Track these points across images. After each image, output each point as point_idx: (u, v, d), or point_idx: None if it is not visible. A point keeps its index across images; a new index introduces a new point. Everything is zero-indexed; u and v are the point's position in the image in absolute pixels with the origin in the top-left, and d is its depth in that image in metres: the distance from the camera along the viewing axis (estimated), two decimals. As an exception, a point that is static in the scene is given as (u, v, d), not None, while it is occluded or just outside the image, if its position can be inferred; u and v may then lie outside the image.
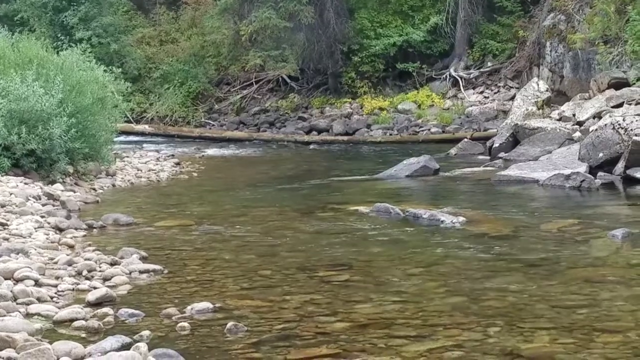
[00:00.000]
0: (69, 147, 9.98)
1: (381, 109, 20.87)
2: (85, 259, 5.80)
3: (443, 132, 19.09)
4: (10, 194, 8.29)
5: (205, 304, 4.66)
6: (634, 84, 14.29)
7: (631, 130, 10.14)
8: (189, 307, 4.61)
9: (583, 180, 9.43)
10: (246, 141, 19.43)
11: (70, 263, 5.70)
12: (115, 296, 4.93)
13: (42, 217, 7.52)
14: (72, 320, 4.41)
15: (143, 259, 5.92)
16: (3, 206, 7.67)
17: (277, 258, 6.02)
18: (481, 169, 12.10)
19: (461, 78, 21.31)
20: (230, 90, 23.21)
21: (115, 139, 12.94)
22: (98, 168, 11.23)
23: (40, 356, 3.61)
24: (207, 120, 22.08)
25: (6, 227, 6.88)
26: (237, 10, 21.09)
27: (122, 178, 11.51)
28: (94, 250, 6.19)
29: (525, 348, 3.87)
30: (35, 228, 6.96)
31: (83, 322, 4.37)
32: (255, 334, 4.18)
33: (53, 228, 7.14)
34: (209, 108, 22.69)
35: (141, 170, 12.53)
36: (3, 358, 3.67)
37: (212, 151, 17.19)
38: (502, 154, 13.38)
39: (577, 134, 12.97)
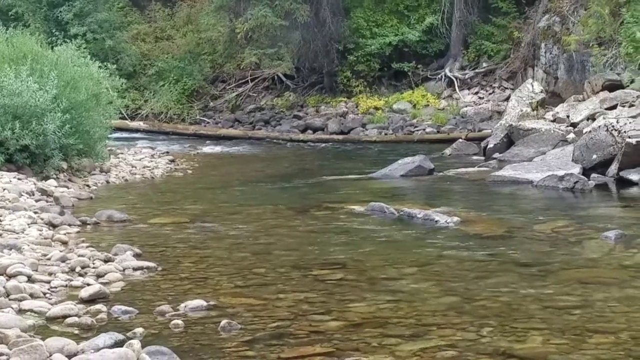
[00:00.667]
0: (63, 143, 9.95)
1: (376, 108, 20.87)
2: (79, 256, 5.78)
3: (438, 132, 19.09)
4: (4, 190, 8.25)
5: (199, 302, 4.65)
6: (628, 86, 14.33)
7: (624, 132, 10.17)
8: (182, 305, 4.60)
9: (576, 182, 9.45)
10: (241, 139, 19.41)
11: (63, 259, 5.68)
12: (109, 293, 4.91)
13: (36, 213, 7.49)
14: (65, 316, 4.39)
15: (137, 256, 5.90)
16: (-4, 202, 7.64)
17: (272, 256, 6.01)
18: (475, 170, 12.11)
19: (456, 78, 21.34)
20: (226, 88, 23.17)
21: (110, 136, 12.89)
22: (92, 164, 11.20)
23: (33, 352, 3.60)
24: (202, 118, 22.04)
25: (-1, 222, 6.85)
26: (232, 8, 21.05)
27: (116, 175, 11.48)
28: (87, 247, 6.17)
29: (518, 348, 3.88)
30: (28, 224, 6.93)
31: (76, 318, 4.36)
32: (249, 332, 4.17)
33: (46, 224, 7.11)
34: (204, 105, 22.65)
35: (135, 167, 12.49)
36: (-5, 354, 3.65)
37: (207, 149, 17.16)
38: (496, 155, 13.39)
39: (571, 136, 13.00)
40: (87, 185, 10.30)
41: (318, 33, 21.25)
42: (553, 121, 14.41)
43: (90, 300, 4.74)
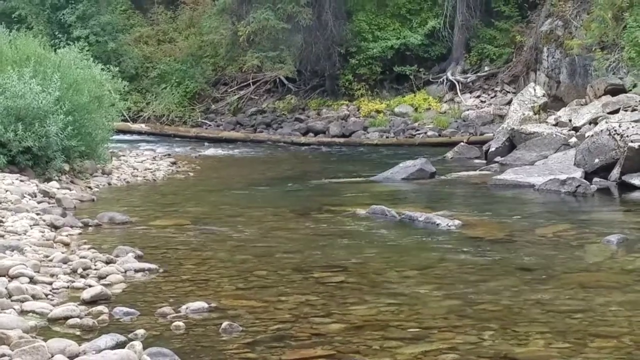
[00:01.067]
0: (65, 145, 9.96)
1: (378, 111, 20.89)
2: (81, 257, 5.79)
3: (439, 135, 19.10)
4: (6, 191, 8.27)
5: (201, 304, 4.65)
6: (631, 90, 14.33)
7: (627, 136, 10.17)
8: (184, 307, 4.61)
9: (579, 186, 9.45)
10: (243, 142, 19.43)
11: (65, 261, 5.69)
12: (110, 294, 4.92)
13: (38, 214, 7.50)
14: (66, 318, 4.40)
15: (138, 258, 5.91)
16: (-2, 203, 7.66)
17: (273, 258, 6.02)
18: (477, 173, 12.12)
19: (458, 82, 21.35)
20: (228, 91, 23.20)
21: (112, 138, 12.91)
22: (94, 166, 11.21)
23: (35, 353, 3.61)
24: (203, 120, 22.06)
25: (1, 224, 6.86)
26: (235, 11, 21.08)
27: (118, 177, 11.50)
28: (89, 249, 6.18)
29: (519, 352, 3.88)
30: (30, 225, 6.94)
31: (78, 320, 4.36)
32: (250, 334, 4.18)
33: (48, 226, 7.12)
34: (206, 108, 22.67)
35: (137, 169, 12.51)
36: (-3, 355, 3.66)
37: (208, 151, 17.18)
38: (498, 158, 13.41)
39: (573, 140, 13.00)
40: (89, 187, 10.31)
41: (320, 36, 21.28)
42: (555, 125, 14.41)
43: (92, 302, 4.75)
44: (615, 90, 14.56)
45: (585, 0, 18.72)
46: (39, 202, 8.32)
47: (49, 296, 4.93)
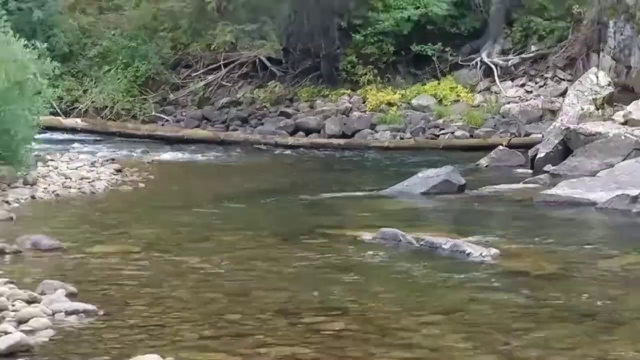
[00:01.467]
0: (-26, 146, 9.98)
1: (390, 104, 21.01)
2: (-6, 295, 5.78)
3: (471, 136, 19.27)
4: None
5: (153, 357, 4.66)
6: None
7: None
8: (131, 362, 4.62)
9: (655, 204, 9.52)
10: (211, 143, 19.50)
11: (-27, 300, 5.68)
12: (33, 344, 4.91)
13: None
14: (-26, 376, 4.40)
15: (71, 296, 5.91)
16: None
17: (250, 298, 6.04)
18: (521, 186, 12.21)
19: (496, 66, 21.49)
20: (191, 76, 23.31)
21: (37, 137, 12.95)
22: (13, 174, 11.23)
23: None
24: (159, 115, 22.16)
25: None
26: (202, -29, 21.24)
27: (45, 188, 11.53)
28: (5, 283, 6.17)
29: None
30: None
31: (-11, 378, 4.36)
32: (218, 398, 4.19)
33: (-51, 253, 7.11)
34: (162, 98, 22.78)
35: (70, 179, 12.55)
36: None
37: (165, 155, 17.26)
38: (548, 167, 13.51)
39: (648, 143, 13.11)
40: (6, 202, 10.32)
41: (314, 4, 21.39)
42: (624, 123, 14.50)
43: (8, 355, 4.74)
44: None
45: (663, -41, 18.90)
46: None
47: (-49, 347, 4.91)
